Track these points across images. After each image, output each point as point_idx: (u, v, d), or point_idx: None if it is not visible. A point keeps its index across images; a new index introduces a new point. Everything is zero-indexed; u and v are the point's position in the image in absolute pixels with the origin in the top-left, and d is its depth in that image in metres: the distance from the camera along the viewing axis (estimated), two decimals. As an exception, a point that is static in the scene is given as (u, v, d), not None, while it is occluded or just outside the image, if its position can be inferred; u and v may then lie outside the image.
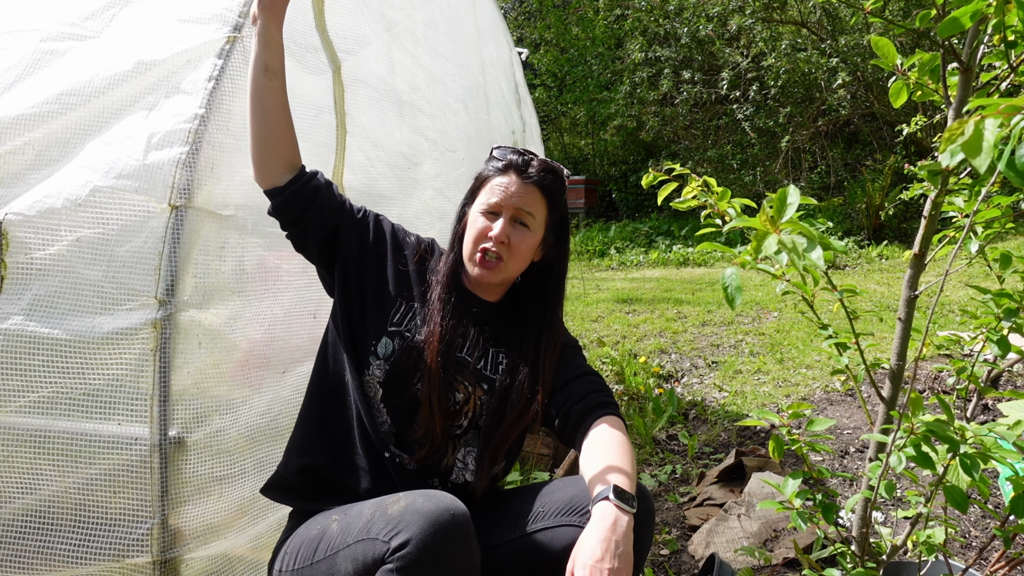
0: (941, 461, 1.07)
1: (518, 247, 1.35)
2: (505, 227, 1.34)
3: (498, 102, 3.00)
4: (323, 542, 1.15)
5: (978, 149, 0.67)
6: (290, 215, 1.31)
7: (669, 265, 7.99)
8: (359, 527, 1.10)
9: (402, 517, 1.05)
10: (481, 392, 1.36)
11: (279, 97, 1.28)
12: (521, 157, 1.38)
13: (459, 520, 1.05)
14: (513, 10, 13.77)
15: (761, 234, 0.88)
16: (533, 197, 1.36)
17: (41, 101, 1.40)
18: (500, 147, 1.41)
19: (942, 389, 3.06)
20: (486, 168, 1.41)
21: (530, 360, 1.37)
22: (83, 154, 1.39)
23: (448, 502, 1.07)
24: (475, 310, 1.39)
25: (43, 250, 1.32)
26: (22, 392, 1.31)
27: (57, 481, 1.32)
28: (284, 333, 1.60)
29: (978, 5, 0.91)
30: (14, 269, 1.32)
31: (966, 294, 4.85)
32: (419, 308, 1.36)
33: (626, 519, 1.07)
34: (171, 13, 1.53)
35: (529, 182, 1.36)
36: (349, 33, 1.85)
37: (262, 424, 1.52)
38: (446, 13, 2.53)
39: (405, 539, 1.02)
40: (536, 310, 1.42)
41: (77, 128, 1.40)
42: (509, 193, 1.35)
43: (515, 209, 1.35)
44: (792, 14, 9.45)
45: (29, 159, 1.38)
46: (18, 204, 1.34)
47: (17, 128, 1.39)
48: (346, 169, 1.81)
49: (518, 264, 1.37)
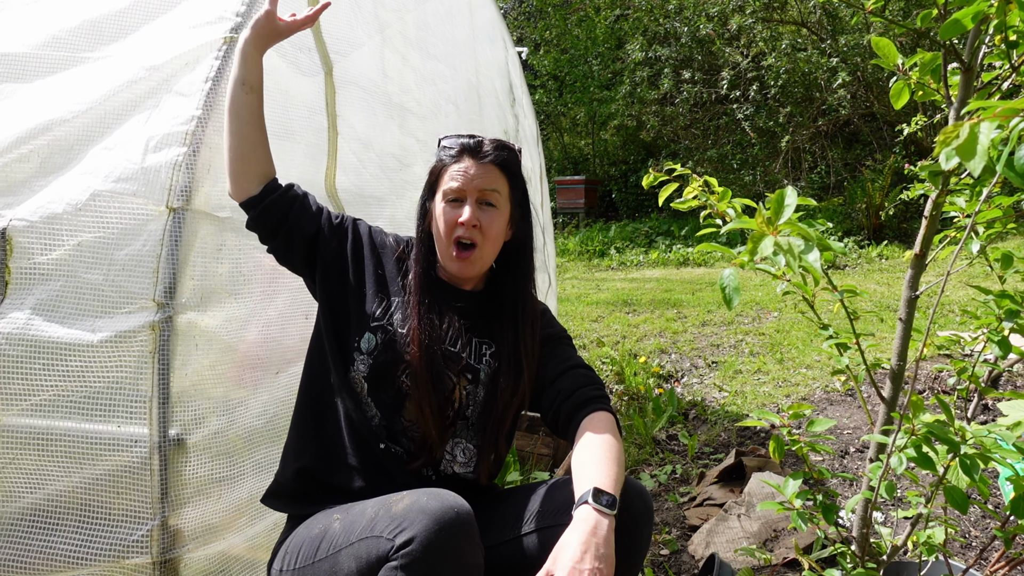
0: (941, 462, 1.07)
1: (489, 229, 1.35)
2: (473, 210, 1.33)
3: (491, 103, 3.00)
4: (325, 541, 1.15)
5: (972, 152, 0.67)
6: (268, 225, 1.32)
7: (669, 265, 7.99)
8: (363, 525, 1.10)
9: (407, 515, 1.05)
10: (466, 382, 1.37)
11: (256, 110, 1.32)
12: (472, 139, 1.37)
13: (463, 518, 1.06)
14: (513, 10, 13.76)
15: (758, 236, 0.88)
16: (493, 175, 1.36)
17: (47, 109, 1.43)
18: (447, 136, 1.41)
19: (942, 389, 3.06)
20: (439, 159, 1.40)
21: (510, 342, 1.38)
22: (85, 160, 1.40)
23: (452, 500, 1.07)
24: (456, 303, 1.40)
25: (46, 255, 1.34)
26: (25, 395, 1.32)
27: (60, 482, 1.32)
28: (278, 334, 1.60)
29: (980, 6, 0.91)
30: (18, 274, 1.34)
31: (967, 294, 4.85)
32: (399, 303, 1.37)
33: (606, 522, 1.06)
34: (171, 12, 1.54)
35: (486, 161, 1.35)
36: (342, 34, 1.86)
37: (259, 425, 1.52)
38: (440, 14, 2.54)
39: (410, 536, 1.02)
40: (510, 287, 1.43)
41: (81, 135, 1.42)
42: (470, 176, 1.34)
43: (479, 191, 1.34)
44: (792, 14, 9.45)
45: (34, 167, 1.40)
46: (22, 210, 1.36)
47: (23, 137, 1.40)
48: (338, 171, 1.81)
49: (492, 247, 1.38)
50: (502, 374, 1.36)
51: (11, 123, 1.43)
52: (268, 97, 1.58)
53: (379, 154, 1.99)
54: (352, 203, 1.85)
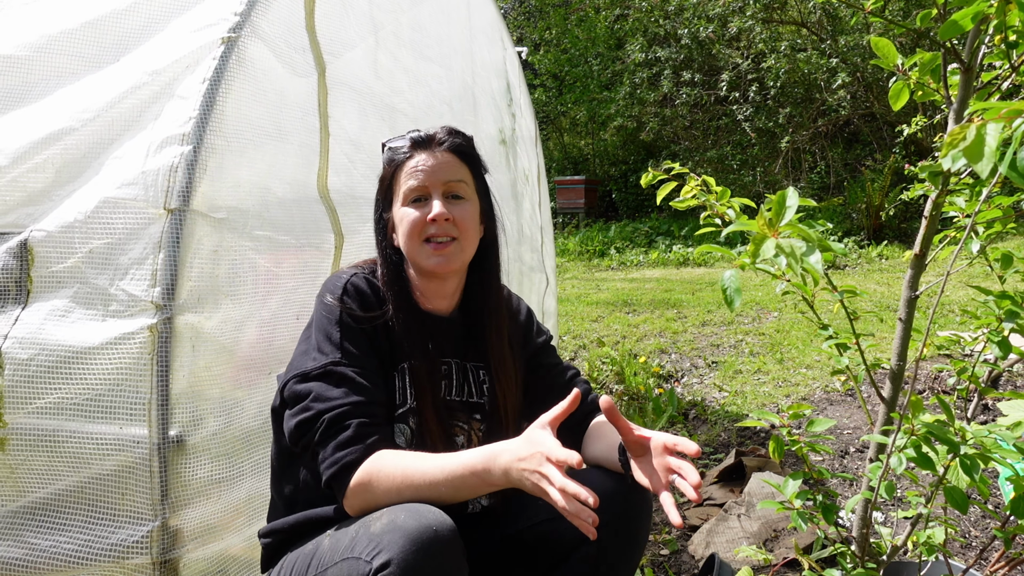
0: (941, 462, 1.07)
1: (463, 221, 1.24)
2: (442, 204, 1.21)
3: (487, 102, 3.00)
4: (315, 558, 1.11)
5: (980, 154, 0.67)
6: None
7: (669, 265, 7.99)
8: (344, 545, 1.05)
9: (383, 535, 0.99)
10: (478, 425, 1.33)
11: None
12: (419, 132, 1.26)
13: (442, 537, 0.99)
14: (513, 10, 13.77)
15: (759, 238, 0.88)
16: (454, 165, 1.25)
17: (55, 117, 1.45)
18: (392, 139, 1.30)
19: (942, 389, 3.06)
20: (389, 163, 1.28)
21: (497, 351, 1.32)
22: (101, 168, 1.43)
23: (431, 518, 1.00)
24: (440, 330, 1.30)
25: (62, 263, 1.37)
26: (30, 399, 1.34)
27: (62, 483, 1.33)
28: (271, 335, 1.61)
29: (979, 7, 0.91)
30: (37, 283, 1.37)
31: (967, 294, 4.85)
32: (403, 369, 1.25)
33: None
34: (172, 12, 1.55)
35: (443, 150, 1.25)
36: (336, 35, 1.85)
37: (255, 426, 1.53)
38: (435, 15, 2.54)
39: (386, 559, 0.96)
40: (483, 291, 1.33)
41: (92, 142, 1.44)
42: (429, 168, 1.23)
43: (444, 183, 1.23)
44: (792, 14, 9.45)
45: (50, 176, 1.42)
46: (43, 221, 1.39)
47: (36, 146, 1.43)
48: (330, 171, 1.82)
49: (470, 238, 1.26)
50: (500, 388, 1.32)
51: (21, 131, 1.44)
52: (263, 98, 1.59)
53: (369, 155, 1.99)
54: (343, 203, 1.85)
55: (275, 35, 1.61)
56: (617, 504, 1.22)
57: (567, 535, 1.22)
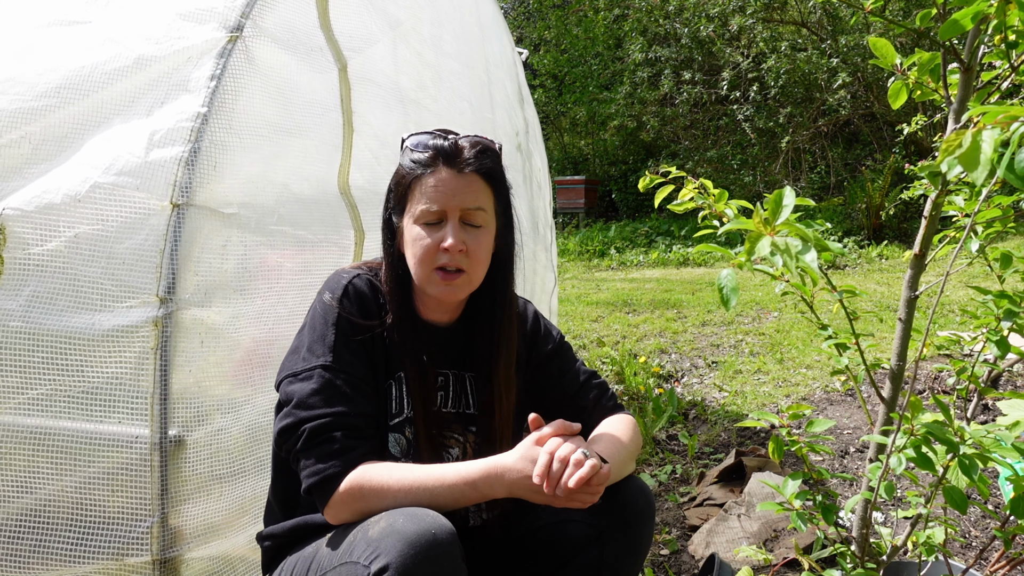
0: (941, 462, 1.07)
1: (477, 252, 1.18)
2: (458, 234, 1.15)
3: (502, 102, 2.99)
4: (315, 562, 1.10)
5: (976, 162, 0.67)
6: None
7: (669, 265, 7.99)
8: (342, 549, 1.05)
9: (381, 540, 0.98)
10: (472, 437, 1.31)
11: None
12: (446, 141, 1.18)
13: (441, 541, 0.98)
14: (513, 10, 13.76)
15: (755, 236, 0.88)
16: (477, 188, 1.18)
17: (38, 94, 1.39)
18: (413, 135, 1.22)
19: (942, 389, 3.06)
20: (406, 164, 1.20)
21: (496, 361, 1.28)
22: (83, 150, 1.38)
23: (430, 521, 0.99)
24: (440, 340, 1.28)
25: (41, 246, 1.31)
26: (21, 389, 1.31)
27: (56, 480, 1.32)
28: (289, 332, 1.60)
29: (979, 6, 0.91)
30: (11, 264, 1.31)
31: (966, 294, 4.85)
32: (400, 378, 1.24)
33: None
34: (170, 7, 1.53)
35: (468, 171, 1.17)
36: (355, 32, 1.84)
37: (264, 423, 1.52)
38: (450, 12, 2.53)
39: (384, 564, 0.95)
40: (492, 305, 1.28)
41: (75, 123, 1.39)
42: (450, 192, 1.15)
43: (462, 210, 1.16)
44: (792, 14, 9.45)
45: (26, 153, 1.36)
46: (16, 199, 1.32)
47: (13, 121, 1.37)
48: (353, 167, 1.80)
49: (481, 270, 1.22)
50: (496, 400, 1.30)
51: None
52: (279, 94, 1.57)
53: (395, 151, 1.97)
54: (366, 200, 1.82)
55: (284, 30, 1.60)
56: (620, 508, 1.22)
57: (570, 539, 1.23)
